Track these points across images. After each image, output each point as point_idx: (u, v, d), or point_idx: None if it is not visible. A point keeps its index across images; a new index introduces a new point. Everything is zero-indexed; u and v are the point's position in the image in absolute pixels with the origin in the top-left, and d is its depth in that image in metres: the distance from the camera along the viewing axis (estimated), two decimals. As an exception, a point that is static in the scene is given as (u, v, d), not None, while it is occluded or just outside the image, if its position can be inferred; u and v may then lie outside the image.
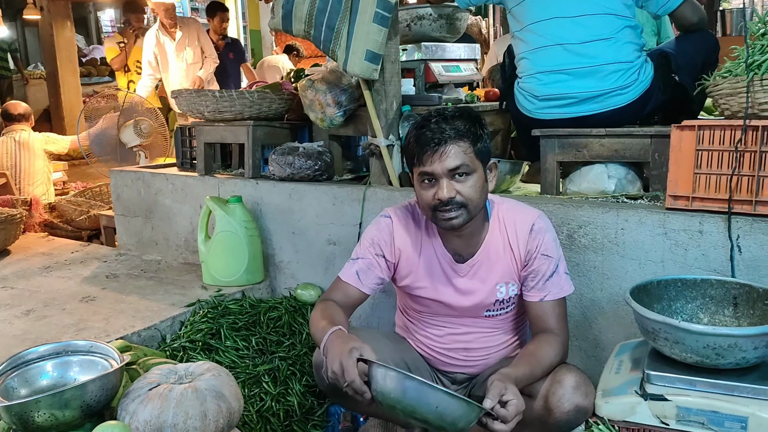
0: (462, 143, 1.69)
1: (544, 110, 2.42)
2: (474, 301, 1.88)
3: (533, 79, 2.43)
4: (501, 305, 1.90)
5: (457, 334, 1.95)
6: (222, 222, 2.87)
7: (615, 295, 2.09)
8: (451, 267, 1.88)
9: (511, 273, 1.86)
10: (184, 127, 3.66)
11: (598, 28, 2.29)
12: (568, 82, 2.34)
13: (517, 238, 1.83)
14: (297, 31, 2.58)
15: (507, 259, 1.85)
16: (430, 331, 1.99)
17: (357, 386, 1.51)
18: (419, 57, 2.86)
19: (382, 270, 1.91)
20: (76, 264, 3.48)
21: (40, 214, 4.66)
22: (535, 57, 2.41)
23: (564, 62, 2.33)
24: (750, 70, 1.78)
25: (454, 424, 1.46)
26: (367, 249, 1.91)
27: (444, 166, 1.69)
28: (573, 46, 2.31)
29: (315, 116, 2.85)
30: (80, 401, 1.68)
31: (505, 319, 1.94)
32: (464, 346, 1.96)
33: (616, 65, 2.28)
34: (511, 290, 1.88)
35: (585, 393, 1.66)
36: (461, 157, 1.69)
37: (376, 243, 1.91)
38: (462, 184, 1.71)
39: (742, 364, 1.52)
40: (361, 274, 1.89)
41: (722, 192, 1.88)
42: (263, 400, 2.25)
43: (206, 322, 2.53)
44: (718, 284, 1.79)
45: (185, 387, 1.71)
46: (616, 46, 2.29)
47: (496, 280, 1.86)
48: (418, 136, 1.72)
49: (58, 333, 2.43)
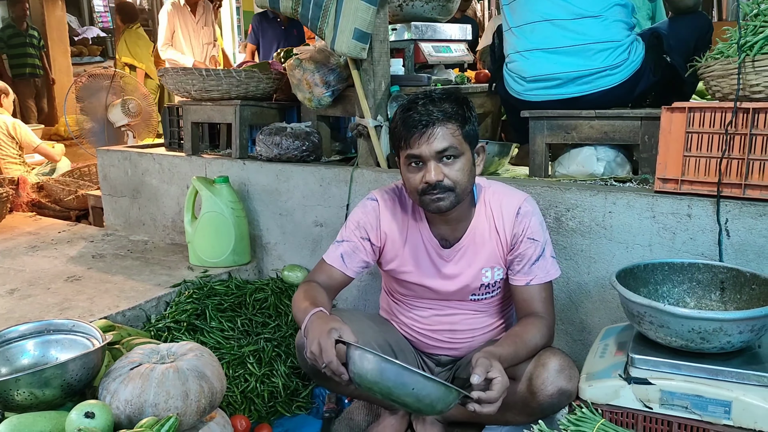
0: (450, 125, 1.67)
1: (532, 92, 2.39)
2: (459, 285, 1.87)
3: (520, 57, 2.39)
4: (487, 289, 1.89)
5: (441, 315, 1.94)
6: (208, 202, 2.84)
7: (602, 279, 2.08)
8: (437, 252, 1.86)
9: (497, 257, 1.84)
10: (172, 107, 3.62)
11: (587, 4, 2.25)
12: (555, 61, 2.30)
13: (504, 222, 1.82)
14: (284, 9, 2.53)
15: (493, 243, 1.83)
16: (415, 313, 1.98)
17: (334, 367, 1.50)
18: (409, 37, 2.82)
19: (367, 254, 1.89)
20: (62, 244, 3.44)
21: (28, 193, 4.61)
22: (522, 33, 2.37)
23: (551, 39, 2.29)
24: (742, 51, 1.75)
25: (432, 406, 1.45)
26: (352, 232, 1.89)
27: (431, 148, 1.66)
28: (561, 22, 2.27)
29: (303, 96, 2.81)
30: (60, 380, 1.67)
31: (491, 303, 1.93)
32: (449, 328, 1.95)
33: (604, 44, 2.24)
34: (496, 275, 1.86)
35: (569, 376, 1.65)
36: (449, 139, 1.66)
37: (362, 226, 1.89)
38: (449, 167, 1.68)
39: (727, 349, 1.51)
40: (346, 257, 1.88)
41: (712, 175, 1.87)
42: (248, 381, 2.24)
43: (192, 302, 2.51)
44: (706, 268, 1.78)
45: (167, 367, 1.70)
46: (605, 24, 2.25)
47: (482, 265, 1.84)
48: (405, 118, 1.69)
49: (42, 312, 2.41)
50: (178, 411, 1.62)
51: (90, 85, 5.11)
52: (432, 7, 2.89)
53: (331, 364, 1.50)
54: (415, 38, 2.83)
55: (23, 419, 1.58)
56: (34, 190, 4.69)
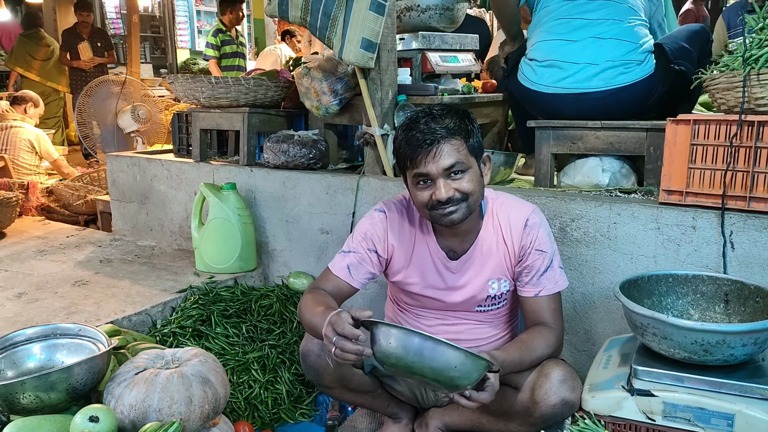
0: (454, 141, 1.66)
1: (545, 81, 2.41)
2: (465, 297, 1.87)
3: (540, 44, 2.46)
4: (493, 301, 1.88)
5: (447, 325, 1.94)
6: (215, 209, 2.85)
7: (606, 290, 2.08)
8: (444, 264, 1.85)
9: (504, 269, 1.84)
10: (181, 113, 3.64)
11: (612, 9, 2.35)
12: (572, 49, 2.36)
13: (512, 234, 1.81)
14: (293, 18, 2.55)
15: (500, 254, 1.82)
16: (420, 322, 1.98)
17: (348, 332, 1.43)
18: (416, 46, 2.83)
19: (373, 265, 1.87)
20: (70, 248, 3.47)
21: (37, 198, 4.65)
22: (550, 26, 2.45)
23: (572, 31, 2.37)
24: (747, 64, 1.76)
25: (465, 376, 1.42)
26: (359, 243, 1.87)
27: (438, 166, 1.65)
28: (584, 21, 2.36)
29: (311, 104, 2.83)
30: (66, 384, 1.68)
31: (497, 314, 1.93)
32: (455, 338, 1.93)
33: (621, 42, 2.31)
34: (503, 286, 1.86)
35: (572, 387, 1.65)
36: (455, 155, 1.65)
37: (369, 238, 1.87)
38: (458, 181, 1.68)
39: (730, 361, 1.51)
40: (352, 268, 1.85)
41: (716, 187, 1.87)
42: (252, 387, 2.25)
43: (197, 308, 2.52)
44: (710, 280, 1.78)
45: (171, 372, 1.71)
46: (623, 26, 2.33)
47: (488, 276, 1.84)
48: (409, 138, 1.68)
49: (49, 316, 2.43)
50: (181, 416, 1.63)
51: (100, 91, 5.15)
52: (429, 16, 2.90)
53: (344, 330, 1.44)
54: (422, 48, 2.84)
55: (28, 422, 1.60)
56: (43, 194, 4.73)
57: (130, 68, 6.68)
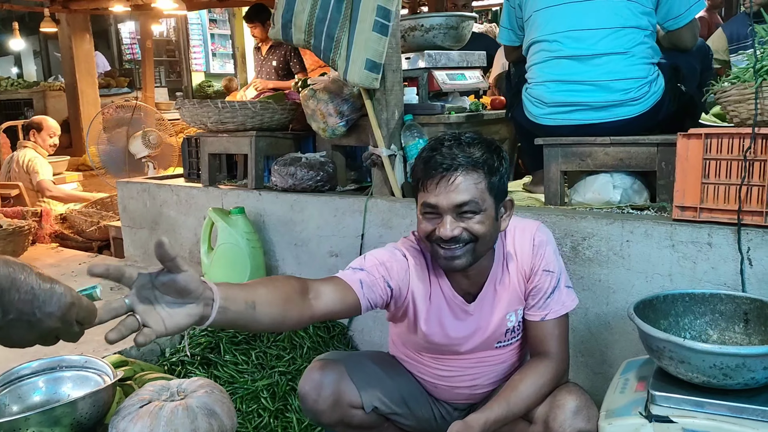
0: (474, 174, 1.52)
1: (551, 116, 2.35)
2: (485, 337, 1.75)
3: (542, 87, 2.37)
4: (512, 334, 1.77)
5: (464, 375, 1.82)
6: (224, 234, 2.84)
7: (621, 310, 2.02)
8: (462, 309, 1.73)
9: (519, 297, 1.73)
10: (190, 138, 3.65)
11: (615, 41, 2.21)
12: (577, 92, 2.28)
13: (522, 258, 1.71)
14: (297, 41, 2.55)
15: (514, 282, 1.72)
16: (435, 371, 1.85)
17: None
18: (422, 65, 2.81)
19: (382, 296, 1.64)
20: (82, 275, 3.47)
21: (51, 225, 4.68)
22: (548, 66, 2.35)
23: (575, 73, 2.27)
24: (759, 75, 1.71)
25: None
26: (375, 267, 1.64)
27: (450, 199, 1.52)
28: (587, 59, 2.24)
29: (317, 126, 2.81)
30: (70, 418, 1.67)
31: (514, 347, 1.81)
32: (470, 383, 1.84)
33: (627, 81, 2.21)
34: (520, 316, 1.76)
35: (587, 417, 1.59)
36: (471, 191, 1.52)
37: (387, 267, 1.65)
38: (468, 221, 1.54)
39: (751, 385, 1.45)
40: (365, 286, 1.60)
41: (731, 203, 1.81)
42: (261, 416, 2.21)
43: (206, 335, 2.50)
44: (728, 299, 1.72)
45: (176, 404, 1.68)
46: (630, 61, 2.21)
47: (505, 311, 1.73)
48: (427, 159, 1.55)
49: (57, 347, 2.38)
50: (186, 450, 1.60)
51: (113, 117, 5.21)
52: (434, 35, 2.87)
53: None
54: (428, 66, 2.82)
55: (32, 459, 1.57)
56: (57, 221, 4.76)
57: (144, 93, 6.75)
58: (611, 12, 2.21)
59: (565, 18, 2.28)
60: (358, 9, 2.38)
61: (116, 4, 7.23)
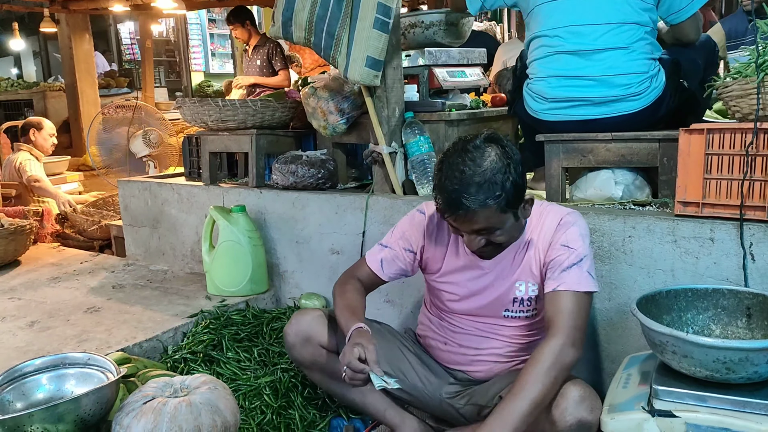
0: (486, 210, 1.64)
1: (551, 111, 2.36)
2: (493, 296, 1.87)
3: (543, 82, 2.37)
4: (520, 305, 1.85)
5: (470, 335, 1.95)
6: (225, 232, 2.84)
7: (624, 305, 2.03)
8: (477, 264, 1.88)
9: (532, 270, 1.81)
10: (190, 137, 3.65)
11: (616, 36, 2.21)
12: (578, 87, 2.28)
13: (545, 235, 1.80)
14: (297, 39, 2.55)
15: (530, 254, 1.82)
16: (444, 332, 2.01)
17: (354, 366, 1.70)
18: (423, 62, 2.81)
19: (406, 264, 1.98)
20: (84, 274, 3.47)
21: (52, 224, 4.68)
22: (549, 61, 2.35)
23: (576, 68, 2.27)
24: (761, 70, 1.71)
25: None
26: (396, 240, 1.98)
27: (469, 227, 1.70)
28: (587, 54, 2.24)
29: (318, 124, 2.81)
30: (74, 415, 1.67)
31: (521, 327, 1.89)
32: (475, 350, 1.95)
33: (628, 76, 2.21)
34: (530, 290, 1.83)
35: (590, 407, 1.59)
36: (487, 221, 1.67)
37: (407, 237, 1.97)
38: (490, 236, 1.71)
39: (754, 379, 1.45)
40: (385, 263, 1.98)
41: (734, 198, 1.82)
42: (264, 413, 2.20)
43: (208, 333, 2.50)
44: (731, 294, 1.72)
45: (180, 401, 1.69)
46: (631, 56, 2.21)
47: (517, 277, 1.84)
48: (442, 185, 1.66)
49: (60, 345, 2.42)
50: (190, 446, 1.60)
51: (113, 117, 5.20)
52: (434, 32, 2.87)
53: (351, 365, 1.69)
54: (428, 64, 2.82)
55: (36, 456, 1.58)
56: (58, 221, 4.76)
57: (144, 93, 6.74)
58: (612, 7, 2.21)
59: (566, 13, 2.28)
60: (359, 6, 2.38)
61: (116, 4, 7.22)
